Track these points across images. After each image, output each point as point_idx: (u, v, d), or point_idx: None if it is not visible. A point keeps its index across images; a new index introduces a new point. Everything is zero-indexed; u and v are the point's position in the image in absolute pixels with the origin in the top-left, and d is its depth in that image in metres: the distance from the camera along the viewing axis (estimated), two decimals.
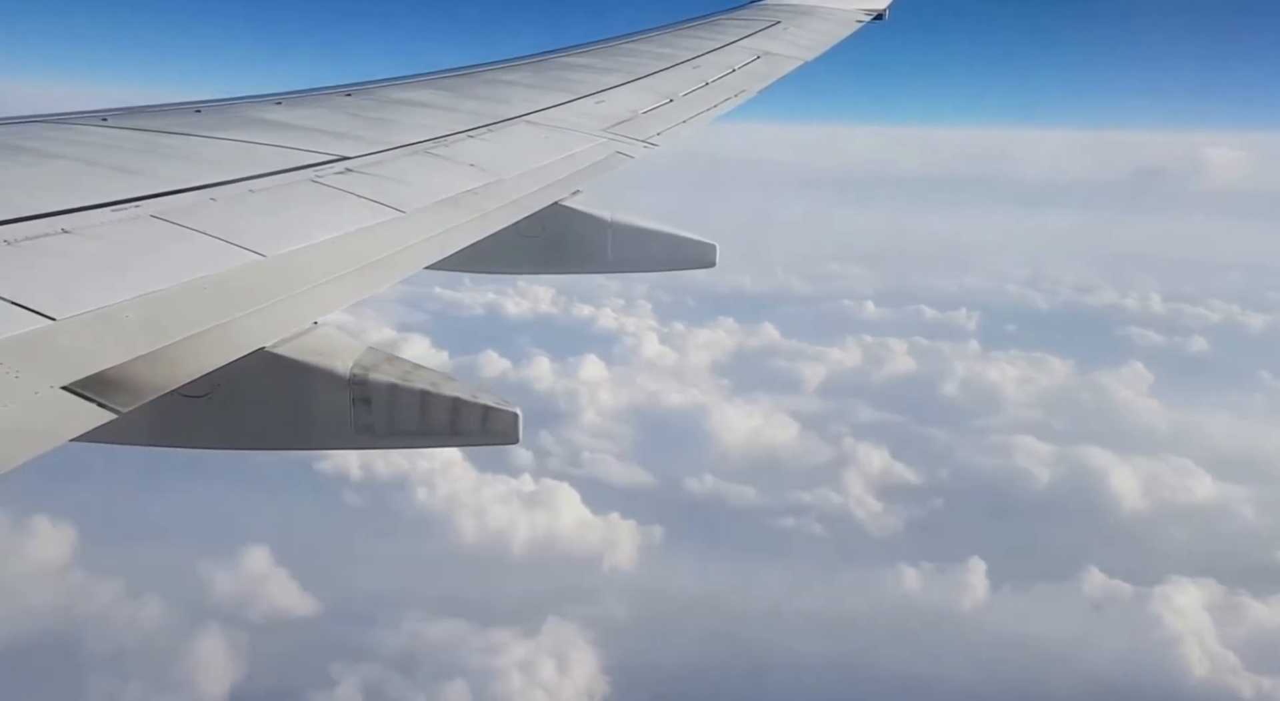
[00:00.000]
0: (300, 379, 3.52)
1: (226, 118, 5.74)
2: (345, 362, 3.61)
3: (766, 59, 10.33)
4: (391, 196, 4.77)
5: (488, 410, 3.72)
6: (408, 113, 6.59)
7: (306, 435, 3.75)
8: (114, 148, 4.70)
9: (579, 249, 6.28)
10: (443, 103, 7.02)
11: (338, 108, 6.47)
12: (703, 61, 9.84)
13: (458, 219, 4.84)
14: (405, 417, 3.67)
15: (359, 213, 4.50)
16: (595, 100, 7.88)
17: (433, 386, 3.69)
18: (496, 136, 6.41)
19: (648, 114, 7.82)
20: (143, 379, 2.78)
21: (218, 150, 4.99)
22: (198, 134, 5.23)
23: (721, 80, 9.29)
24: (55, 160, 4.32)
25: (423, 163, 5.52)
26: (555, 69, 8.90)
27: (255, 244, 3.78)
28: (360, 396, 3.61)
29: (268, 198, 4.39)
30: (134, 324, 2.99)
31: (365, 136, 5.70)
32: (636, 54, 9.77)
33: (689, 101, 8.46)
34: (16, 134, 4.69)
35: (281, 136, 5.42)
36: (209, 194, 4.20)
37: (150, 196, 3.96)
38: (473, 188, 5.29)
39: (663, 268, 6.70)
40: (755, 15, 12.28)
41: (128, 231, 3.61)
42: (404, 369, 3.72)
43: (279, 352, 3.44)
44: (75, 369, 2.67)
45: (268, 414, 3.65)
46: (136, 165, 4.45)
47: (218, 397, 3.50)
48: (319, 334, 3.62)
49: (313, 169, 4.89)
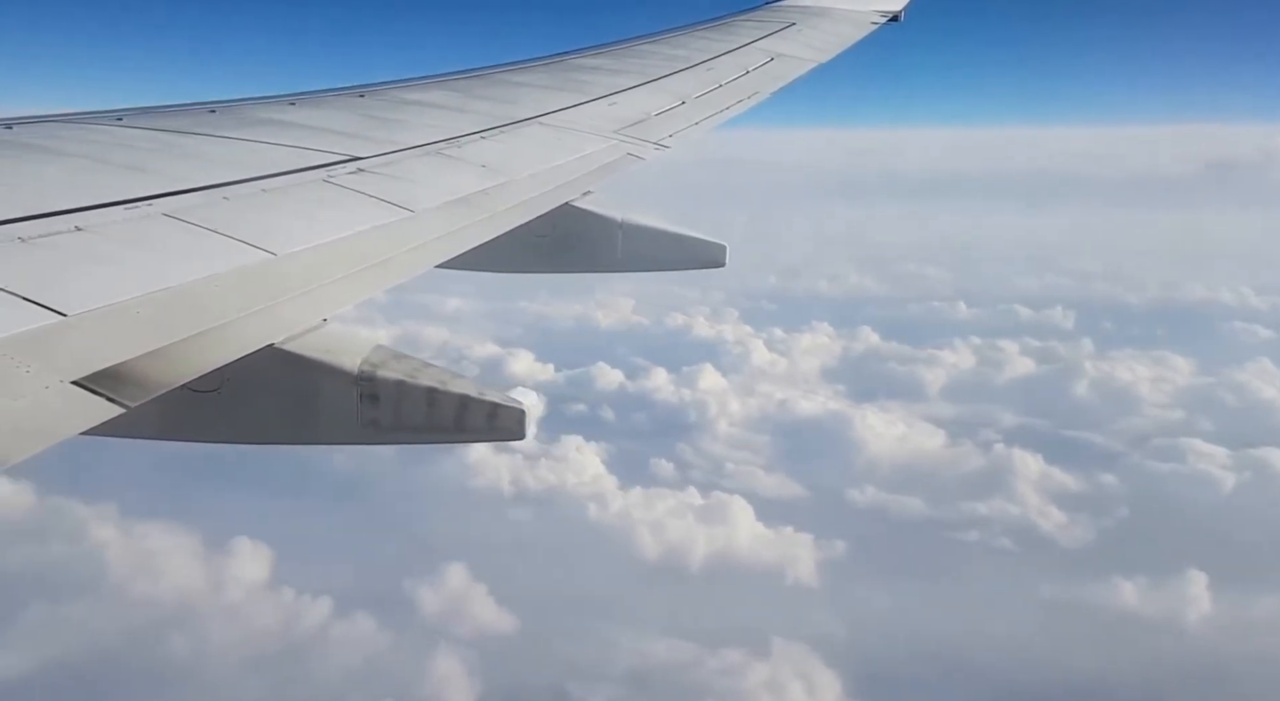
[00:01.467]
0: (308, 375, 3.54)
1: (240, 118, 5.79)
2: (354, 359, 3.64)
3: (780, 61, 10.32)
4: (402, 196, 4.81)
5: (495, 407, 3.74)
6: (419, 114, 6.63)
7: (313, 430, 3.78)
8: (128, 147, 4.75)
9: (589, 248, 6.31)
10: (454, 104, 7.06)
11: (350, 108, 6.51)
12: (716, 63, 9.84)
13: (468, 219, 4.87)
14: (412, 413, 3.69)
15: (370, 212, 4.53)
16: (607, 102, 7.90)
17: (440, 383, 3.71)
18: (508, 137, 6.44)
19: (660, 116, 7.84)
20: (152, 374, 2.82)
21: (231, 150, 5.03)
22: (211, 134, 5.28)
23: (735, 82, 9.30)
24: (70, 159, 4.37)
25: (434, 163, 5.56)
26: (567, 70, 8.92)
27: (266, 242, 3.82)
28: (368, 392, 3.64)
29: (279, 197, 4.43)
30: (144, 320, 3.03)
31: (377, 137, 5.74)
32: (649, 56, 9.78)
33: (702, 103, 8.47)
34: (32, 133, 4.74)
35: (294, 136, 5.47)
36: (221, 193, 4.24)
37: (163, 195, 4.00)
38: (483, 188, 5.32)
39: (672, 267, 6.73)
40: (769, 17, 12.27)
41: (140, 229, 3.65)
42: (412, 366, 3.75)
43: (288, 349, 3.46)
44: (86, 364, 2.70)
45: (275, 409, 3.67)
46: (150, 164, 4.50)
47: (227, 393, 3.53)
48: (328, 331, 3.65)
49: (325, 169, 4.93)
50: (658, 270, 6.76)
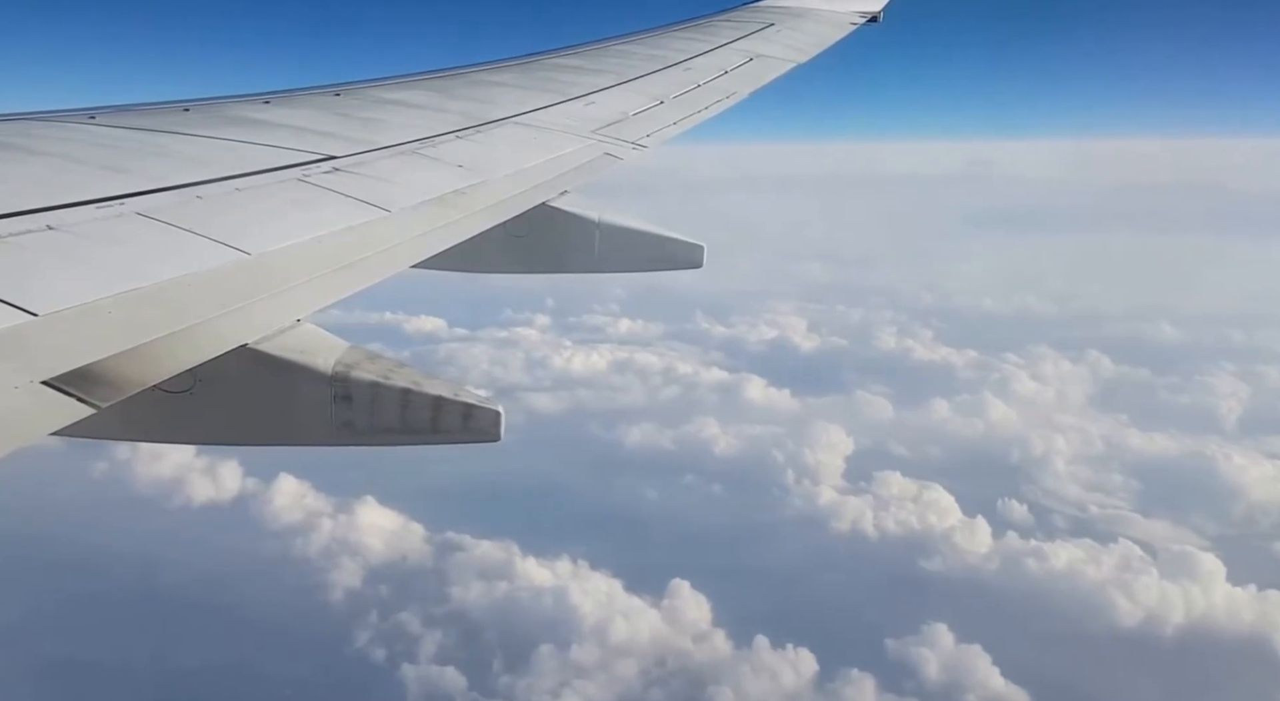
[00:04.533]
0: (282, 375, 3.54)
1: (214, 116, 5.76)
2: (327, 360, 3.63)
3: (759, 61, 10.36)
4: (378, 196, 4.80)
5: (470, 408, 3.74)
6: (396, 113, 6.61)
7: (286, 431, 3.77)
8: (101, 146, 4.72)
9: (565, 248, 6.31)
10: (431, 103, 7.04)
11: (326, 107, 6.49)
12: (695, 63, 9.86)
13: (444, 218, 4.86)
14: (386, 415, 3.69)
15: (345, 212, 4.52)
16: (585, 102, 7.90)
17: (415, 384, 3.71)
18: (484, 137, 6.43)
19: (638, 115, 7.85)
20: (124, 374, 2.81)
21: (205, 149, 5.01)
22: (185, 132, 5.25)
23: (713, 82, 9.32)
24: (42, 157, 4.33)
25: (410, 163, 5.55)
26: (544, 70, 8.92)
27: (240, 242, 3.80)
28: (341, 393, 3.63)
29: (254, 196, 4.41)
30: (116, 320, 3.01)
31: (353, 136, 5.73)
32: (627, 56, 9.79)
33: (680, 103, 8.48)
34: (3, 131, 4.70)
35: (269, 135, 5.44)
36: (195, 192, 4.22)
37: (136, 194, 3.98)
38: (460, 188, 5.31)
39: (649, 268, 6.74)
40: (748, 17, 12.30)
41: (112, 229, 3.63)
42: (386, 366, 3.75)
43: (261, 349, 3.46)
44: (57, 364, 2.69)
45: (248, 410, 3.67)
46: (123, 163, 4.46)
47: (199, 393, 3.52)
48: (301, 331, 3.64)
49: (300, 168, 4.90)
50: (635, 271, 6.77)
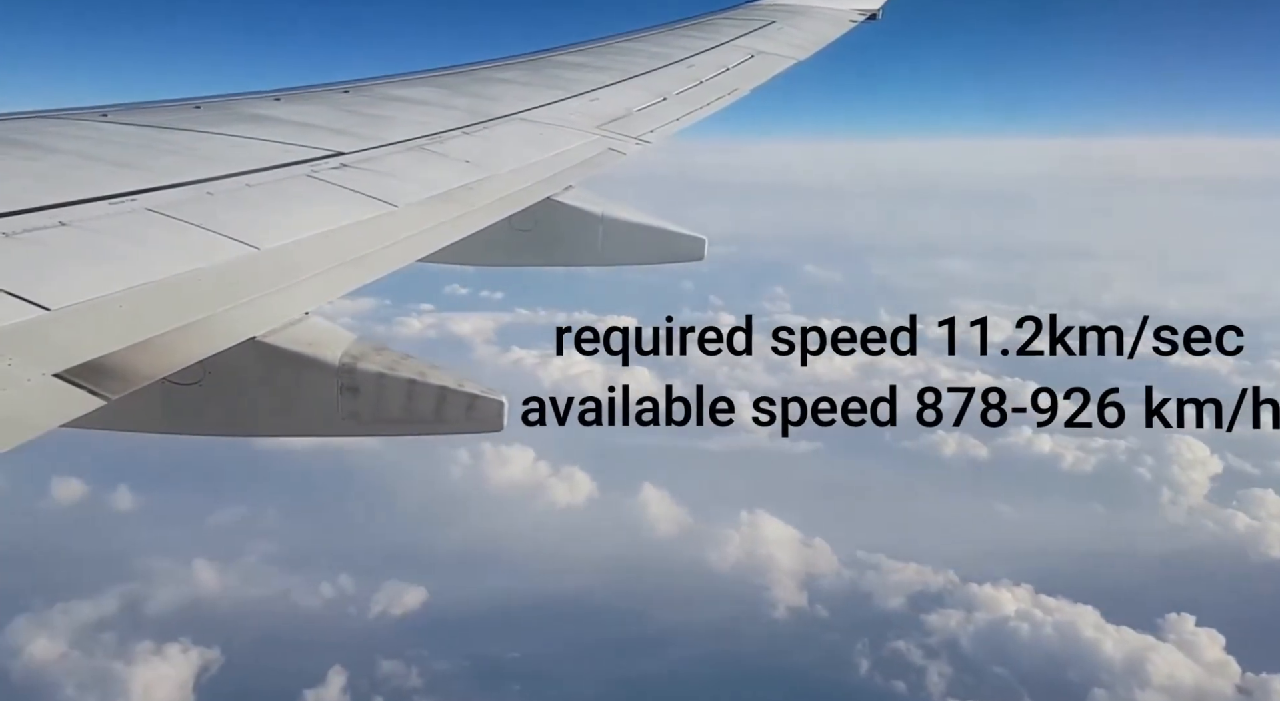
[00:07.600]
0: (289, 368, 3.60)
1: (225, 114, 5.82)
2: (334, 352, 3.70)
3: (760, 58, 10.40)
4: (385, 191, 4.85)
5: (473, 398, 3.80)
6: (403, 109, 6.67)
7: (294, 422, 3.83)
8: (113, 143, 4.79)
9: (570, 242, 6.37)
10: (438, 100, 7.10)
11: (334, 104, 6.55)
12: (697, 60, 9.91)
13: (450, 213, 4.92)
14: (391, 405, 3.75)
15: (352, 207, 4.58)
16: (589, 98, 7.95)
17: (420, 375, 3.77)
18: (490, 133, 6.48)
19: (641, 112, 7.90)
20: (134, 367, 2.87)
21: (215, 145, 5.07)
22: (196, 129, 5.31)
23: (715, 79, 9.36)
24: (55, 154, 4.40)
25: (417, 158, 5.61)
26: (549, 68, 8.97)
27: (249, 237, 3.86)
28: (348, 385, 3.70)
29: (263, 192, 4.47)
30: (127, 314, 3.07)
31: (361, 132, 5.78)
32: (630, 53, 9.83)
33: (682, 99, 8.52)
34: (18, 128, 4.77)
35: (278, 132, 5.50)
36: (205, 188, 4.28)
37: (147, 190, 4.04)
38: (465, 183, 5.37)
39: (652, 261, 6.80)
40: (749, 15, 12.34)
41: (124, 224, 3.69)
42: (392, 358, 3.81)
43: (269, 342, 3.52)
44: (68, 357, 2.74)
45: (256, 401, 3.73)
46: (135, 160, 4.53)
47: (208, 385, 3.59)
48: (309, 324, 3.70)
49: (308, 164, 4.97)
50: (638, 264, 6.82)
